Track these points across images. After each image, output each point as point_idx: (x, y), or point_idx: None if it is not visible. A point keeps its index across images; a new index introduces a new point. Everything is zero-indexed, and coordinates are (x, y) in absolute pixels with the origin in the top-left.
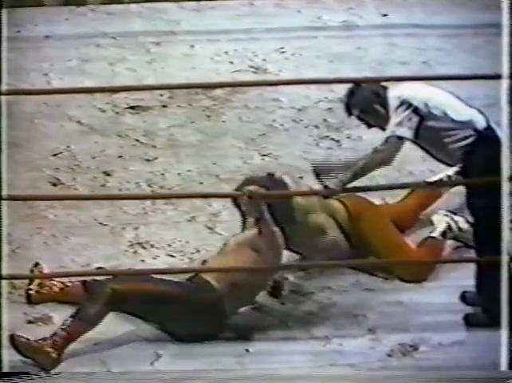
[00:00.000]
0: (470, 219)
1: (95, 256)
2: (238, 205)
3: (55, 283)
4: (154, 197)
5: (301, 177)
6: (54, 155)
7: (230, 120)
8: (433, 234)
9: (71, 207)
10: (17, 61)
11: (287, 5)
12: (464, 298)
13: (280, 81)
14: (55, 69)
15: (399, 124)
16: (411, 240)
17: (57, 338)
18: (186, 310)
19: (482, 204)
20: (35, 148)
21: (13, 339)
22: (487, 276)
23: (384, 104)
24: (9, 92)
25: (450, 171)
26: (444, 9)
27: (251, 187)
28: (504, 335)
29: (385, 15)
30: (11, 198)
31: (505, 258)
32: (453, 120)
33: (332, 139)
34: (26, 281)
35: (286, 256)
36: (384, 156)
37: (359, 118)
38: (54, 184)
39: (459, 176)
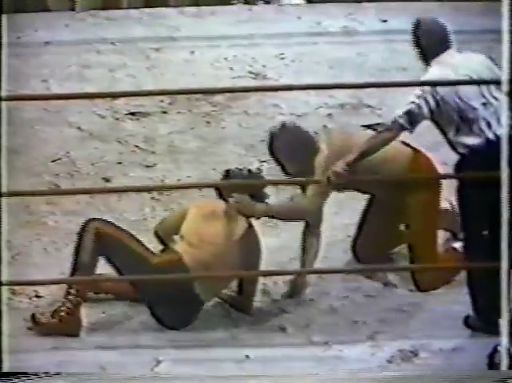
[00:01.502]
0: None
1: None
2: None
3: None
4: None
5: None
6: (54, 161)
7: (229, 126)
8: (455, 245)
9: (71, 213)
10: (17, 67)
11: (287, 10)
12: (467, 321)
13: (280, 87)
14: (55, 75)
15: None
16: None
17: (68, 304)
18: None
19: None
20: (35, 154)
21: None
22: (481, 282)
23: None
24: (9, 98)
25: None
26: (444, 15)
27: (238, 197)
28: (504, 335)
29: (385, 21)
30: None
31: (504, 266)
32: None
33: None
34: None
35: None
36: (390, 135)
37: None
38: None
39: None
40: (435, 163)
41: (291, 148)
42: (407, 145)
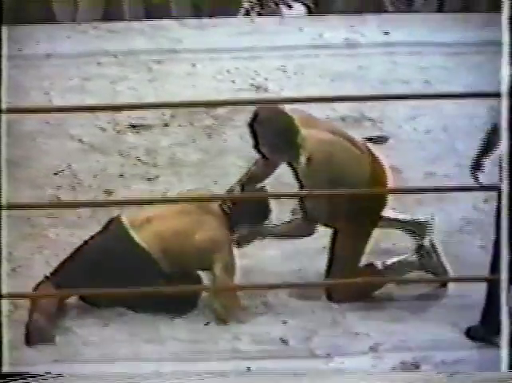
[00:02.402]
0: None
1: None
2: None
3: None
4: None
5: None
6: (55, 173)
7: (231, 139)
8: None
9: (72, 226)
10: (17, 80)
11: (289, 23)
12: (469, 332)
13: (281, 100)
14: (56, 88)
15: None
16: None
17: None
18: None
19: None
20: (36, 166)
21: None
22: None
23: None
24: (10, 110)
25: None
26: (446, 27)
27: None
28: (504, 335)
29: (387, 33)
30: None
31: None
32: None
33: None
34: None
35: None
36: None
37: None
38: None
39: None
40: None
41: (271, 129)
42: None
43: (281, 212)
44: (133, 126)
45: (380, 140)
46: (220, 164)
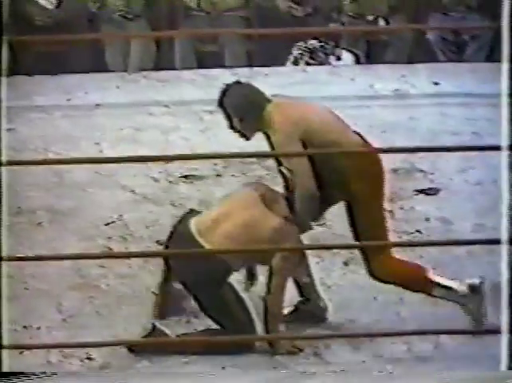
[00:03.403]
0: None
1: (148, 325)
2: None
3: None
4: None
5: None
6: (107, 224)
7: (282, 190)
8: None
9: (123, 276)
10: (67, 130)
11: (340, 72)
12: None
13: (330, 150)
14: (107, 138)
15: None
16: None
17: None
18: None
19: None
20: (87, 216)
21: None
22: None
23: None
24: (10, 163)
25: None
26: (494, 77)
27: None
28: (504, 335)
29: (437, 83)
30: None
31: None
32: None
33: (385, 209)
34: None
35: None
36: None
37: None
38: None
39: None
40: None
41: (240, 103)
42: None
43: None
44: (186, 176)
45: (431, 191)
46: None
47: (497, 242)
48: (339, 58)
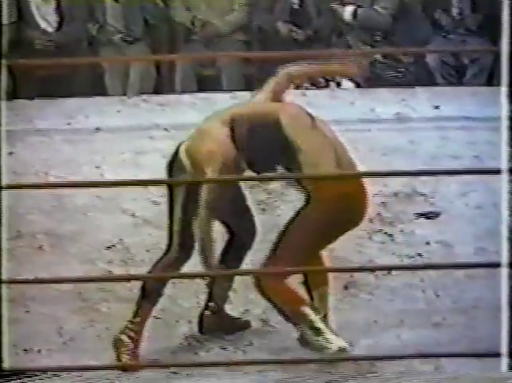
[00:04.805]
0: None
1: (149, 349)
2: None
3: None
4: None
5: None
6: (107, 247)
7: (285, 213)
8: None
9: (124, 300)
10: (68, 153)
11: (340, 96)
12: None
13: (332, 175)
14: (108, 162)
15: None
16: None
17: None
18: None
19: None
20: (88, 240)
21: None
22: None
23: None
24: (10, 187)
25: None
26: (495, 100)
27: None
28: (504, 335)
29: (437, 107)
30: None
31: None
32: None
33: (385, 233)
34: None
35: None
36: None
37: None
38: None
39: None
40: None
41: None
42: None
43: None
44: None
45: (431, 215)
46: (274, 240)
47: (497, 265)
48: (339, 84)
